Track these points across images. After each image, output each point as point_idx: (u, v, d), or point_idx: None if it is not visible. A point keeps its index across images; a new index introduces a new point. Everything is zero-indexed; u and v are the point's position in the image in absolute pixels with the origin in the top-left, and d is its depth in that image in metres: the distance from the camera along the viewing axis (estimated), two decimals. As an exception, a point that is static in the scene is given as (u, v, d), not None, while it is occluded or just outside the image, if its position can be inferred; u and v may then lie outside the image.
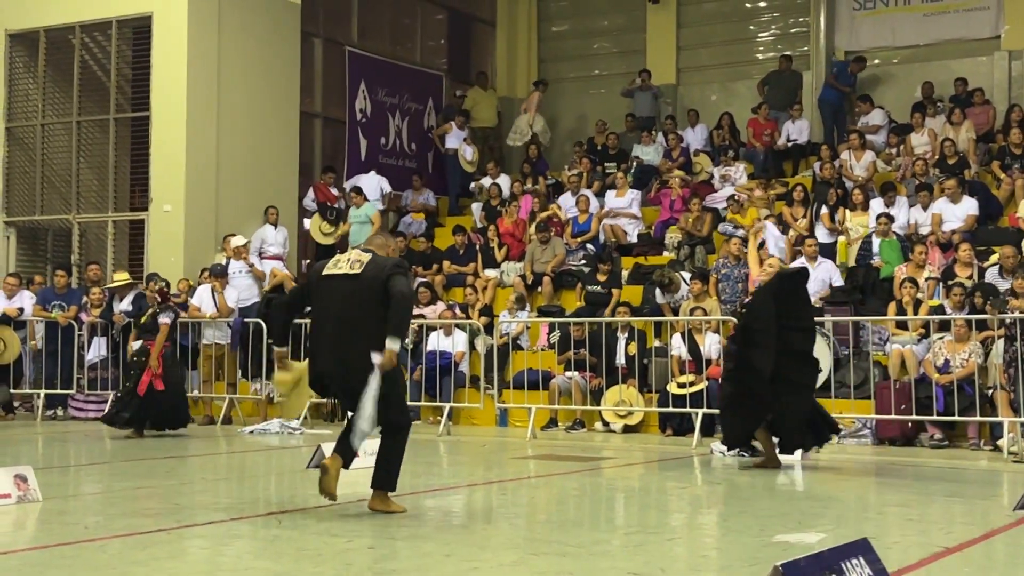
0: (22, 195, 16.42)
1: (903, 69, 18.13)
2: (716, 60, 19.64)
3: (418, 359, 13.58)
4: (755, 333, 9.22)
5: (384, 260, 6.59)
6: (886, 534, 6.15)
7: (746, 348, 9.27)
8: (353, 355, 6.39)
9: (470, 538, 6.14)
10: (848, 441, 11.45)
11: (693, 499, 7.97)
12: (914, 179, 14.93)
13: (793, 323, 9.22)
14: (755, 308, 9.42)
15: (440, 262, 16.04)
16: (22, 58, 16.50)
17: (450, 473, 9.52)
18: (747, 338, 9.30)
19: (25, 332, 14.25)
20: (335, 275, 6.60)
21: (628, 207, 16.13)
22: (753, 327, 9.27)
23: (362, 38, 18.55)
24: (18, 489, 7.02)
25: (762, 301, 9.37)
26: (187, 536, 6.04)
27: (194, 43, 15.22)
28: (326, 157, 17.95)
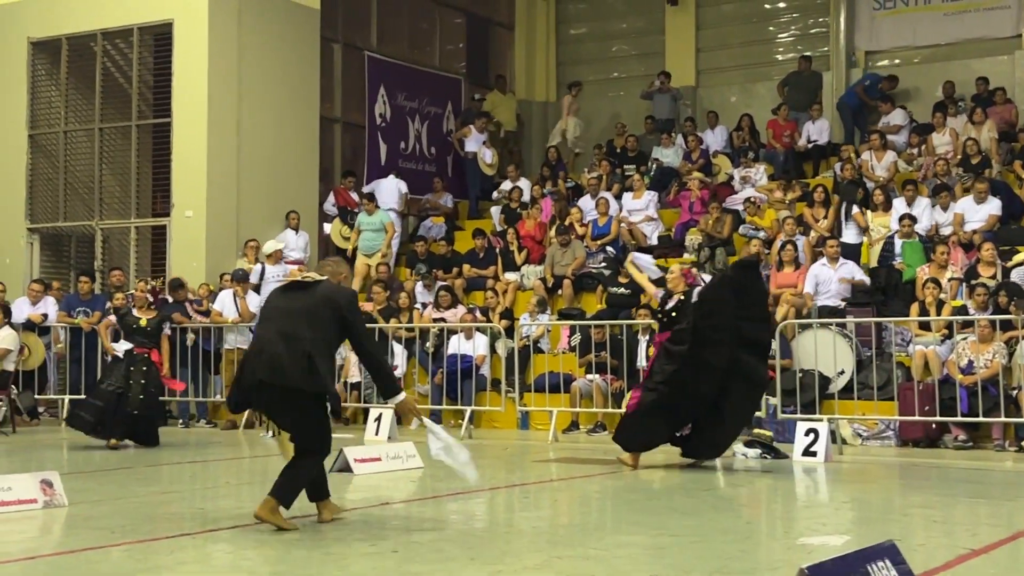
0: (45, 202, 16.53)
1: (924, 69, 18.05)
2: (735, 61, 19.60)
3: (439, 362, 13.60)
4: (709, 330, 9.08)
5: (339, 289, 6.43)
6: (911, 536, 6.12)
7: (698, 347, 9.08)
8: (289, 366, 6.12)
9: (494, 541, 6.15)
10: (871, 443, 11.41)
11: (716, 502, 7.95)
12: (935, 179, 14.86)
13: (746, 313, 9.20)
14: (708, 305, 9.26)
15: (460, 266, 16.05)
16: (44, 66, 16.61)
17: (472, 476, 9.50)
18: (699, 337, 9.11)
19: (49, 338, 14.34)
20: (285, 291, 6.45)
21: (645, 209, 16.13)
22: (707, 324, 9.11)
23: (381, 43, 18.60)
24: (44, 494, 7.07)
25: (717, 297, 9.28)
26: (212, 540, 6.07)
27: (215, 49, 15.30)
28: (346, 162, 18.00)
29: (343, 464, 8.91)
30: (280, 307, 6.37)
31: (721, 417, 9.30)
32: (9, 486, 6.97)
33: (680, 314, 9.53)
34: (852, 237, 14.12)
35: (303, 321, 6.19)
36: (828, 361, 11.67)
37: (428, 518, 7.07)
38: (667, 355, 9.32)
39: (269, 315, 6.45)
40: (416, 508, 7.58)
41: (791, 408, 11.39)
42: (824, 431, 9.97)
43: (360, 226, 16.32)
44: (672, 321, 9.57)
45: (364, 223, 16.29)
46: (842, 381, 11.77)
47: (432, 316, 14.42)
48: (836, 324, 12.11)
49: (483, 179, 18.65)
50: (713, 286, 9.59)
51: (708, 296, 9.44)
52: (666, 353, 9.35)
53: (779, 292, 13.27)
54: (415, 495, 8.26)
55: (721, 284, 9.49)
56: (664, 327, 9.71)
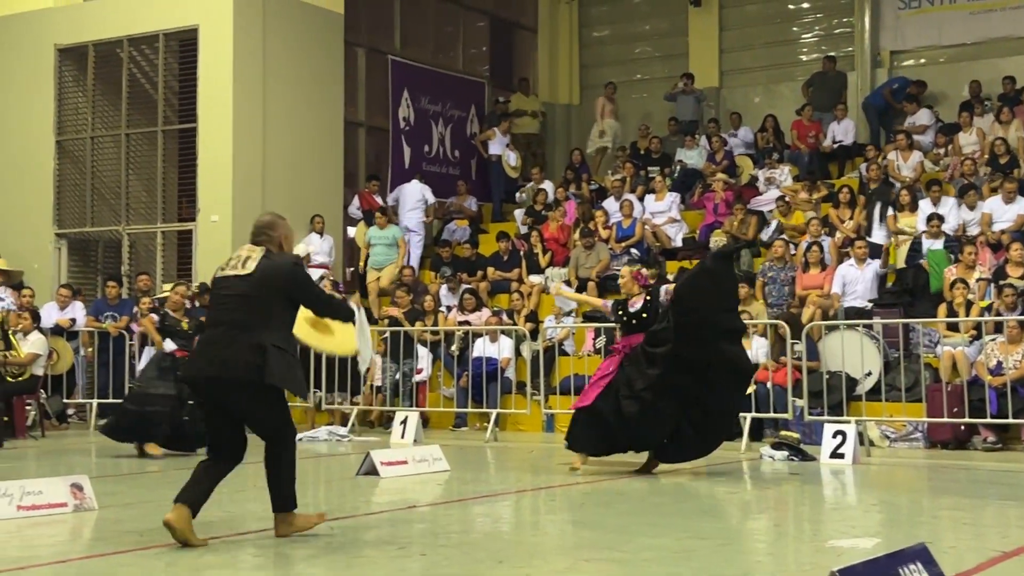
0: (73, 207, 16.66)
1: (950, 68, 17.94)
2: (759, 62, 19.55)
3: (464, 365, 13.62)
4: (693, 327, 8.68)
5: (279, 261, 5.97)
6: (940, 538, 6.08)
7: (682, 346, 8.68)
8: (231, 357, 5.79)
9: (521, 545, 6.14)
10: (899, 445, 11.35)
11: (743, 504, 7.92)
12: (962, 179, 14.76)
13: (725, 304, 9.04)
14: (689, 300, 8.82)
15: (484, 268, 16.07)
16: (71, 72, 16.74)
17: (498, 479, 9.53)
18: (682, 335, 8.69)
19: (78, 342, 14.45)
20: (226, 277, 6.02)
21: (668, 210, 16.10)
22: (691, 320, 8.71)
23: (404, 47, 18.65)
24: (74, 498, 7.12)
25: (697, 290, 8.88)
26: (240, 544, 6.09)
27: (239, 55, 15.38)
28: (370, 165, 18.06)
29: (370, 467, 8.93)
30: (221, 295, 6.00)
31: (708, 414, 8.91)
32: (40, 490, 7.02)
33: (650, 315, 9.12)
34: (882, 239, 14.04)
35: (246, 309, 5.85)
36: (855, 363, 11.60)
37: (455, 521, 7.08)
38: (647, 359, 8.86)
39: (213, 304, 6.14)
40: (442, 511, 7.59)
41: (818, 410, 11.34)
42: (852, 433, 9.93)
43: (371, 240, 16.25)
44: (642, 323, 9.13)
45: (375, 237, 16.21)
46: (869, 383, 11.71)
47: (457, 319, 14.44)
48: (863, 325, 12.04)
49: (507, 182, 18.67)
50: (691, 280, 9.13)
51: (686, 291, 8.98)
52: (645, 357, 8.89)
53: (805, 293, 13.22)
54: (441, 498, 8.26)
55: (700, 276, 9.06)
56: (632, 330, 9.20)
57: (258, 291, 5.86)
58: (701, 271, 9.13)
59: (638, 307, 9.20)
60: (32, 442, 12.35)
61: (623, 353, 9.12)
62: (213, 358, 5.84)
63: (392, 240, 16.21)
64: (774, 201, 15.57)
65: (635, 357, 8.97)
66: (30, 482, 7.11)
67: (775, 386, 11.73)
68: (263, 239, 6.06)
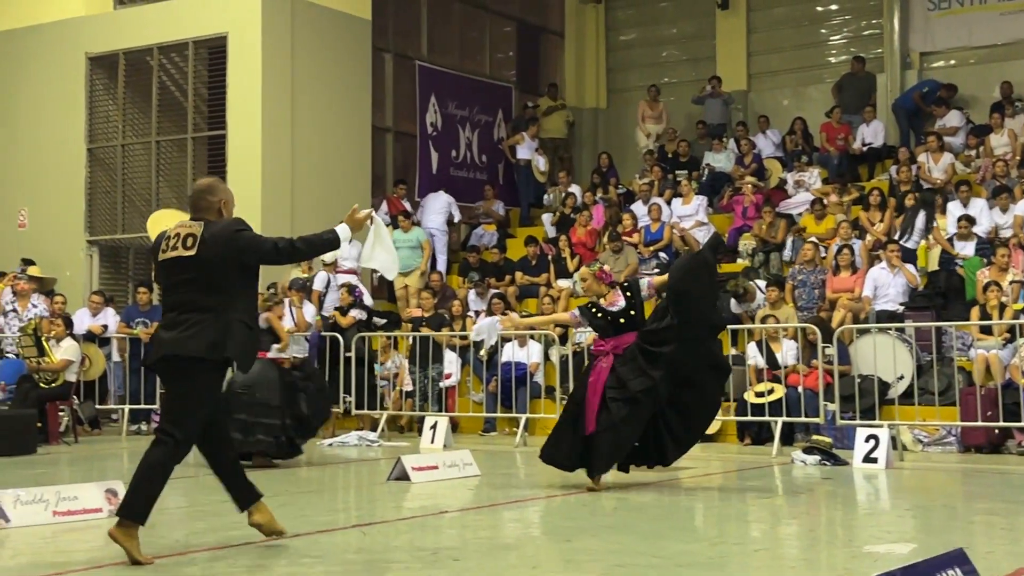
0: (104, 214, 16.79)
1: (980, 69, 17.80)
2: (787, 65, 19.46)
3: (493, 370, 13.62)
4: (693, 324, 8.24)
5: (220, 231, 5.61)
6: (976, 544, 6.03)
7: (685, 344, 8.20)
8: (190, 335, 5.53)
9: (554, 550, 6.13)
10: (933, 449, 11.26)
11: (776, 509, 7.88)
12: (994, 180, 14.64)
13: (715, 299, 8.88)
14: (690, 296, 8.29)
15: (513, 273, 16.07)
16: (102, 80, 16.88)
17: (528, 484, 9.51)
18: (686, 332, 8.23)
19: (110, 348, 14.55)
20: (172, 260, 5.66)
21: (695, 214, 16.05)
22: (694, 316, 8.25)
23: (432, 52, 18.69)
24: (109, 503, 7.16)
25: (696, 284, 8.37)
26: (272, 550, 6.10)
27: (268, 62, 15.46)
28: (398, 171, 18.10)
29: (400, 473, 8.95)
30: (172, 281, 5.71)
31: (687, 415, 8.39)
32: (75, 495, 7.08)
33: (637, 311, 8.50)
34: (912, 244, 13.92)
35: (201, 290, 5.59)
36: (887, 366, 11.52)
37: (486, 526, 7.07)
38: (647, 358, 8.19)
39: (166, 290, 5.88)
40: (473, 516, 7.58)
41: (850, 414, 11.27)
42: (885, 437, 9.86)
43: (395, 243, 16.23)
44: (631, 321, 8.45)
45: (399, 240, 16.19)
46: (902, 386, 11.63)
47: (485, 324, 14.43)
48: (895, 329, 11.96)
49: (535, 186, 18.67)
50: (693, 275, 8.47)
51: (683, 286, 8.38)
52: (645, 356, 8.22)
53: (836, 297, 13.14)
54: (472, 503, 8.26)
55: (701, 271, 8.57)
56: (621, 329, 8.42)
57: (208, 268, 5.56)
58: (701, 265, 8.62)
59: (622, 305, 8.46)
60: (65, 448, 12.44)
61: (612, 354, 8.39)
62: (169, 339, 5.59)
63: (416, 243, 16.23)
64: (807, 205, 15.47)
65: (630, 356, 8.28)
66: (65, 488, 7.17)
67: (806, 390, 11.66)
68: (203, 206, 5.73)
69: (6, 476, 9.18)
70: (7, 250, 16.52)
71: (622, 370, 8.26)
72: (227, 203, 5.83)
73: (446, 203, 17.18)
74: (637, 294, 8.53)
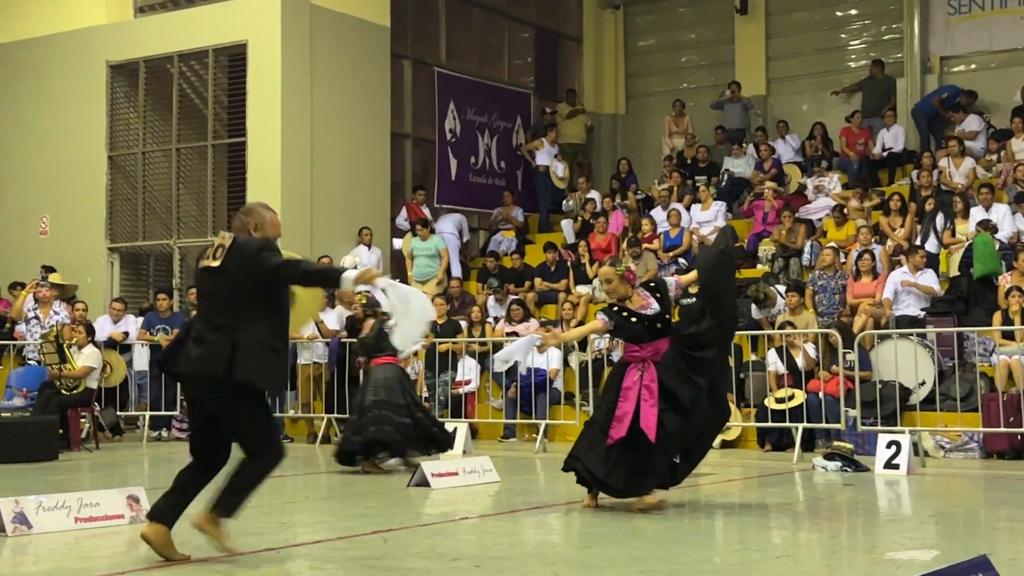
0: (125, 222, 16.88)
1: (1001, 74, 17.72)
2: (806, 70, 19.42)
3: (512, 376, 13.61)
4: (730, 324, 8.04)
5: (243, 247, 5.62)
6: (999, 550, 5.99)
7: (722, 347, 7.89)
8: (205, 353, 5.55)
9: (575, 557, 6.12)
10: (955, 455, 11.19)
11: (796, 516, 7.84)
12: (1015, 185, 14.55)
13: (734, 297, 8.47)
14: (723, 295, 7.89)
15: (532, 279, 16.07)
16: (123, 88, 16.98)
17: (548, 491, 9.50)
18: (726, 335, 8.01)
19: (131, 355, 14.62)
20: (201, 271, 5.78)
21: (714, 220, 16.03)
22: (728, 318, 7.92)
23: (450, 58, 18.73)
24: (131, 510, 7.20)
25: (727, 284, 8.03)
26: (295, 555, 6.12)
27: (288, 69, 15.52)
28: (417, 177, 18.14)
29: (421, 479, 8.96)
30: (200, 293, 5.84)
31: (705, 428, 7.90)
32: (97, 501, 7.11)
33: (670, 313, 7.94)
34: (933, 247, 13.87)
35: (218, 306, 5.61)
36: (909, 372, 11.47)
37: (506, 532, 7.07)
38: (689, 365, 7.61)
39: (196, 302, 6.03)
40: (492, 523, 7.58)
41: (871, 420, 11.22)
42: (906, 443, 9.80)
43: (413, 251, 16.32)
44: (667, 325, 7.81)
45: (417, 248, 16.28)
46: (923, 392, 11.57)
47: (504, 330, 14.44)
48: (916, 334, 11.91)
49: (554, 192, 18.67)
50: (724, 276, 7.97)
51: (724, 288, 7.95)
52: (688, 363, 7.64)
53: (856, 302, 13.08)
54: (492, 510, 8.26)
55: (730, 270, 8.18)
56: (658, 335, 7.74)
57: (227, 284, 5.57)
58: (729, 264, 8.23)
59: (656, 308, 7.76)
60: (87, 454, 12.50)
61: (651, 362, 7.68)
62: (189, 354, 5.62)
63: (435, 251, 16.26)
64: (827, 210, 15.41)
65: (671, 363, 7.65)
66: (87, 494, 7.20)
67: (827, 396, 11.61)
68: (236, 225, 5.83)
69: (28, 482, 9.23)
70: (29, 257, 16.64)
71: (666, 378, 7.59)
72: (258, 227, 5.80)
73: (458, 221, 17.29)
74: (666, 294, 7.88)
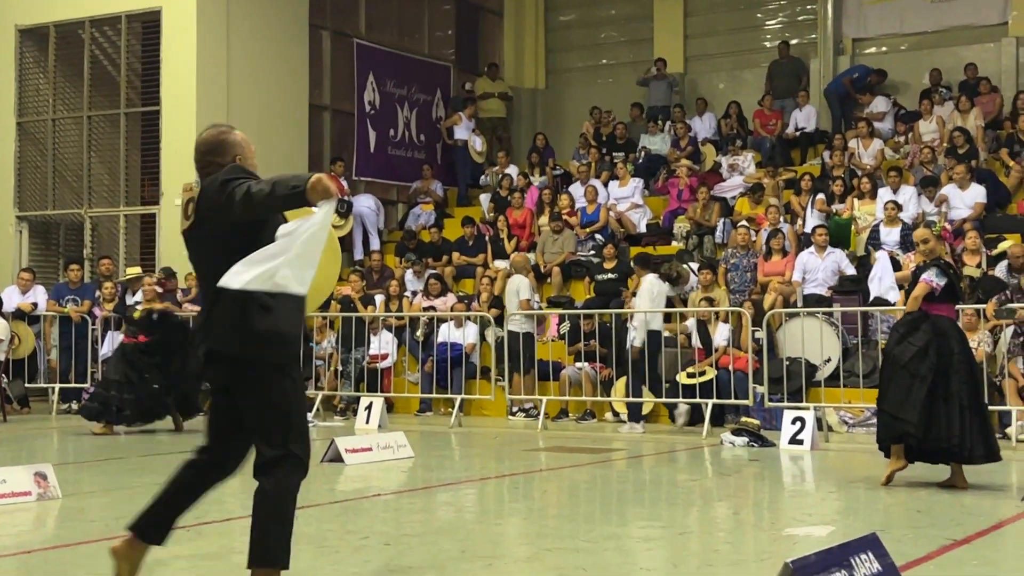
0: (34, 190, 16.52)
1: (911, 56, 18.12)
2: (723, 48, 19.64)
3: (429, 351, 13.67)
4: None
5: (211, 185, 4.28)
6: (894, 526, 6.21)
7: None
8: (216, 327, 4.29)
9: (485, 533, 6.22)
10: (857, 430, 11.52)
11: (704, 492, 8.04)
12: (922, 168, 14.94)
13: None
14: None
15: (450, 253, 16.11)
16: (32, 53, 16.57)
17: (463, 467, 9.60)
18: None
19: (40, 327, 14.37)
20: (184, 232, 4.49)
21: (631, 196, 16.21)
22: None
23: (370, 30, 18.59)
24: (38, 487, 7.13)
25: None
26: (205, 533, 6.12)
27: (203, 37, 15.29)
28: (335, 149, 18.01)
29: (334, 454, 8.98)
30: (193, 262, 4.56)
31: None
32: (3, 479, 7.02)
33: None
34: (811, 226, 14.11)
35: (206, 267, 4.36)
36: (815, 349, 11.77)
37: (419, 510, 7.14)
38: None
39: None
40: (407, 500, 7.65)
41: (778, 396, 11.50)
42: (810, 419, 10.08)
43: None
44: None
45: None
46: (829, 369, 11.88)
47: (422, 304, 14.48)
48: (822, 312, 12.21)
49: (472, 166, 18.69)
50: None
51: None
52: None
53: (767, 280, 13.37)
54: (406, 486, 8.33)
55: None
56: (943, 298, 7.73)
57: (206, 239, 4.36)
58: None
59: (938, 273, 7.75)
60: (-6, 427, 12.28)
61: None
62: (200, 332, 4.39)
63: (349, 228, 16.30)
64: (741, 188, 15.68)
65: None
66: (-7, 470, 7.11)
67: (736, 372, 11.87)
68: (210, 171, 4.40)
69: (-68, 458, 9.06)
70: (-67, 225, 16.23)
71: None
72: (243, 159, 4.47)
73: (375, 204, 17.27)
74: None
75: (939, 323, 7.65)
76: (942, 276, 7.63)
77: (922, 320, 7.68)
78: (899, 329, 7.82)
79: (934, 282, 7.62)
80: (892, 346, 7.78)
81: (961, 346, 7.72)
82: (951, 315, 7.88)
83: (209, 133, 4.55)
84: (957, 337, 7.74)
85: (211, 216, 4.28)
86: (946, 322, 7.72)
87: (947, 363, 7.55)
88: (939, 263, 7.74)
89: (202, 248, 4.40)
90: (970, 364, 7.75)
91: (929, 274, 7.66)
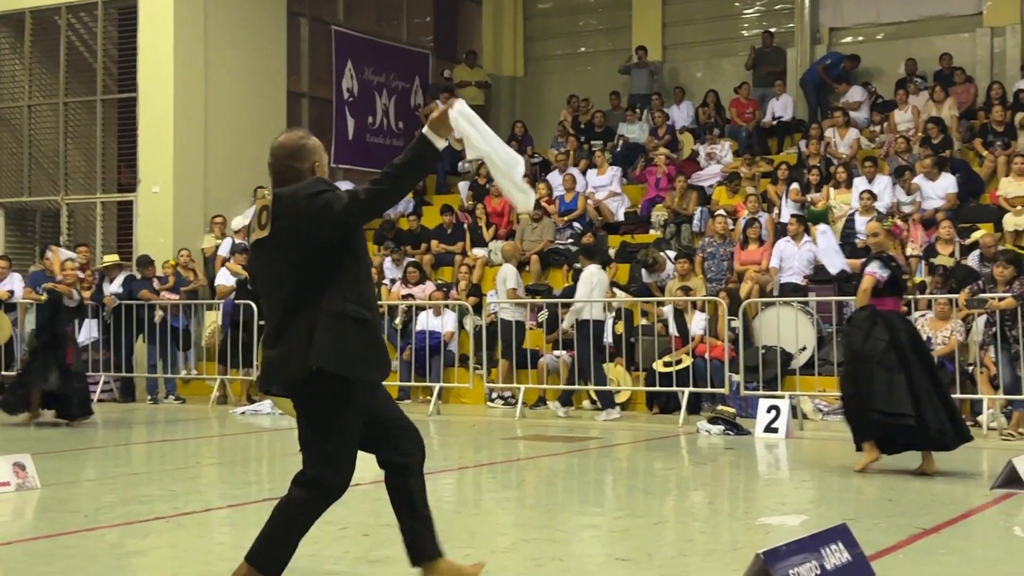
0: (10, 176, 16.45)
1: (887, 46, 18.23)
2: (701, 37, 19.69)
3: (408, 339, 13.71)
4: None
5: (295, 195, 4.17)
6: (865, 515, 6.29)
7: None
8: (289, 343, 4.16)
9: (462, 523, 6.27)
10: (832, 418, 11.63)
11: (680, 481, 8.13)
12: (897, 157, 15.05)
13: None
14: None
15: (428, 241, 16.13)
16: (8, 39, 16.48)
17: (441, 455, 9.64)
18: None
19: (16, 315, 14.31)
20: (255, 244, 4.34)
21: (609, 184, 16.27)
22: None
23: (348, 17, 18.55)
24: (17, 477, 7.13)
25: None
26: (184, 524, 6.16)
27: (180, 23, 15.23)
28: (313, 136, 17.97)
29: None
30: (261, 275, 4.39)
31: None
32: (-19, 469, 7.03)
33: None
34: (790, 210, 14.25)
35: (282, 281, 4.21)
36: (790, 338, 11.87)
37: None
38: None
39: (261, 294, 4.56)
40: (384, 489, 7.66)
41: (754, 384, 11.60)
42: (785, 408, 10.19)
43: None
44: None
45: None
46: (804, 357, 11.99)
47: (401, 292, 14.50)
48: (798, 301, 12.32)
49: (451, 154, 18.67)
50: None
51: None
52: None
53: (743, 269, 13.46)
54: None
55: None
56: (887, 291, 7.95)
57: (286, 252, 4.17)
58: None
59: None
60: (-30, 416, 12.24)
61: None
62: (270, 362, 4.27)
63: None
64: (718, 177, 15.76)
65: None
66: (-29, 461, 7.12)
67: (713, 360, 11.96)
68: (288, 176, 4.27)
69: (-91, 447, 9.04)
70: (-92, 212, 16.14)
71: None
72: (320, 165, 4.36)
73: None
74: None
75: (888, 318, 7.84)
76: (884, 268, 7.81)
77: (875, 315, 7.85)
78: (861, 326, 7.93)
79: (877, 274, 7.81)
80: (859, 344, 7.86)
81: (911, 337, 7.91)
82: (896, 308, 8.06)
83: (287, 137, 4.39)
84: (906, 329, 7.94)
85: (292, 228, 4.14)
86: (894, 315, 7.93)
87: (903, 356, 7.70)
88: (882, 256, 7.91)
89: (275, 259, 4.22)
90: (921, 352, 7.93)
91: (872, 267, 7.87)
